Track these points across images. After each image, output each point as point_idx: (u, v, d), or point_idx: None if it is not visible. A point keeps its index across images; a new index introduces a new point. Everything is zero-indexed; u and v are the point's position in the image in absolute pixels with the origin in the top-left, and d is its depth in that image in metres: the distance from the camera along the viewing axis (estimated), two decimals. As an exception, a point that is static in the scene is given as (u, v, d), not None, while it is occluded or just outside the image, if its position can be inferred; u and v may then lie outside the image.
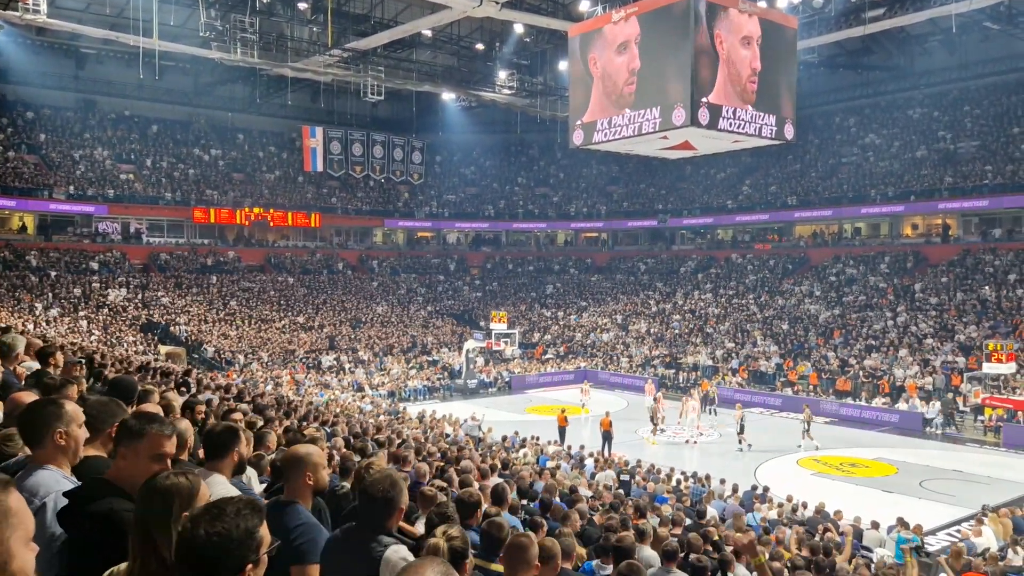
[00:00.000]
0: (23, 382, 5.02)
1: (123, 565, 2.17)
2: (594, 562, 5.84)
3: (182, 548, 1.81)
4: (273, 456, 5.42)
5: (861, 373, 29.93)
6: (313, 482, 3.16)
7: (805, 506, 14.99)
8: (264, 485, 4.86)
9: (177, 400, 5.43)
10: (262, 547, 1.86)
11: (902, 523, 12.82)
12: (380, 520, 2.93)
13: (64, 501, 2.54)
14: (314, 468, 3.18)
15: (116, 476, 2.56)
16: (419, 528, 4.41)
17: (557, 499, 8.74)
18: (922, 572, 10.96)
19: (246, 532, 1.81)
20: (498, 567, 3.87)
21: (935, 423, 26.02)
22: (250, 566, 1.82)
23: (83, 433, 2.83)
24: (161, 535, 2.00)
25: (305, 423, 11.27)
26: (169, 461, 2.61)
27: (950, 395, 27.18)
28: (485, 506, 6.17)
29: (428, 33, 33.81)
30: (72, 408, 2.86)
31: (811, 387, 30.74)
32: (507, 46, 36.85)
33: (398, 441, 12.48)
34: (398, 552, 2.77)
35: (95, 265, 37.11)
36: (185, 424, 4.17)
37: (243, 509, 1.84)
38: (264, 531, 1.87)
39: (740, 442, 23.33)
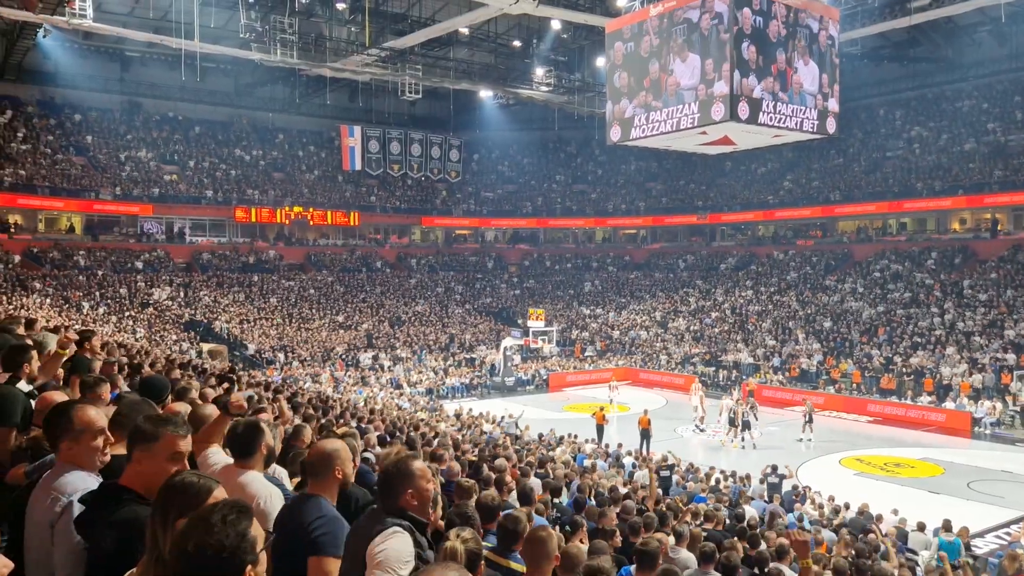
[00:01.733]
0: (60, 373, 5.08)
1: (133, 570, 2.16)
2: (632, 567, 5.76)
3: (178, 564, 1.79)
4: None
5: (905, 371, 29.32)
6: (341, 476, 3.16)
7: (847, 507, 14.71)
8: (298, 480, 4.85)
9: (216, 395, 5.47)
10: (257, 545, 1.84)
11: (946, 526, 12.50)
12: (388, 501, 2.89)
13: (80, 507, 2.55)
14: (342, 463, 3.19)
15: (131, 481, 2.55)
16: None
17: (592, 499, 8.66)
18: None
19: (238, 536, 1.79)
20: (517, 565, 3.81)
21: (984, 423, 25.37)
22: (249, 568, 1.80)
23: (100, 440, 2.84)
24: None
25: (341, 420, 11.34)
26: (185, 460, 2.60)
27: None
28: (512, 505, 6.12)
29: (465, 31, 33.80)
30: (85, 417, 2.84)
31: (854, 385, 30.19)
32: (544, 43, 36.72)
33: (434, 438, 12.50)
34: (385, 537, 2.69)
35: (140, 264, 37.87)
36: (211, 408, 4.20)
37: (229, 515, 1.81)
38: (255, 529, 1.85)
39: (802, 436, 23.01)
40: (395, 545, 2.64)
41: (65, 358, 5.32)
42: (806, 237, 43.84)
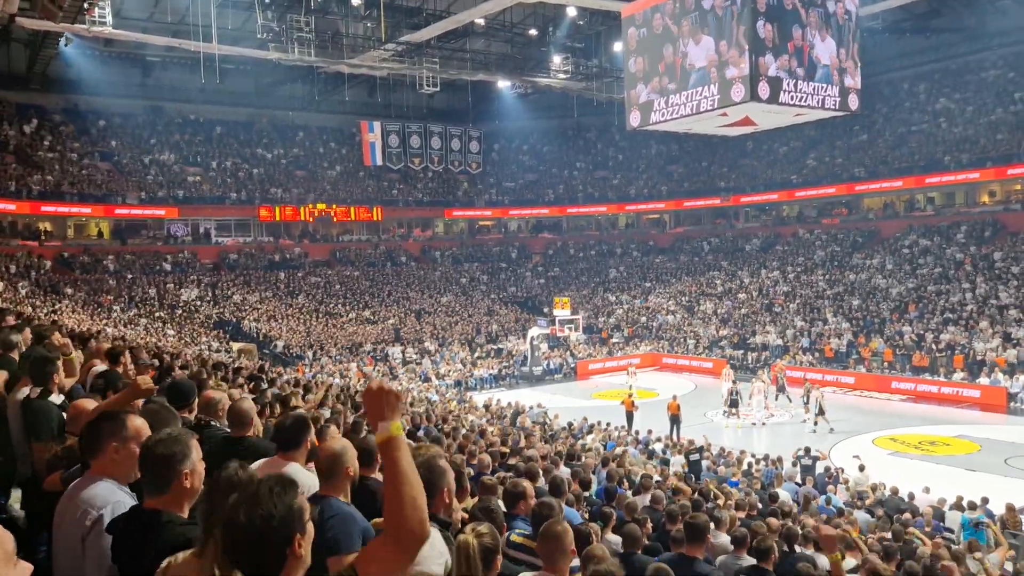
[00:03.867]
0: (90, 385, 5.18)
1: (187, 552, 2.19)
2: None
3: (229, 537, 1.85)
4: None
5: (937, 348, 28.94)
6: (353, 474, 3.20)
7: (884, 487, 14.60)
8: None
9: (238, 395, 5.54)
10: (305, 516, 1.91)
11: (970, 505, 12.37)
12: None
13: (123, 508, 2.58)
14: (351, 461, 3.23)
15: (164, 504, 2.55)
16: None
17: (622, 488, 8.66)
18: (1011, 551, 10.54)
19: (287, 508, 1.86)
20: None
21: (1020, 398, 24.98)
22: (298, 536, 1.87)
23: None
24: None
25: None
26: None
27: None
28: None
29: (481, 22, 33.70)
30: (134, 424, 2.91)
31: (885, 364, 29.85)
32: (560, 30, 36.54)
33: (463, 431, 12.55)
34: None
35: (168, 266, 38.34)
36: (249, 404, 4.28)
37: (275, 487, 1.88)
38: (301, 500, 1.92)
39: (817, 423, 22.68)
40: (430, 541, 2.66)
41: (96, 373, 5.46)
42: (831, 215, 43.33)
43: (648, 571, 3.34)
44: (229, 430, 4.25)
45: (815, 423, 22.57)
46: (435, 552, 2.63)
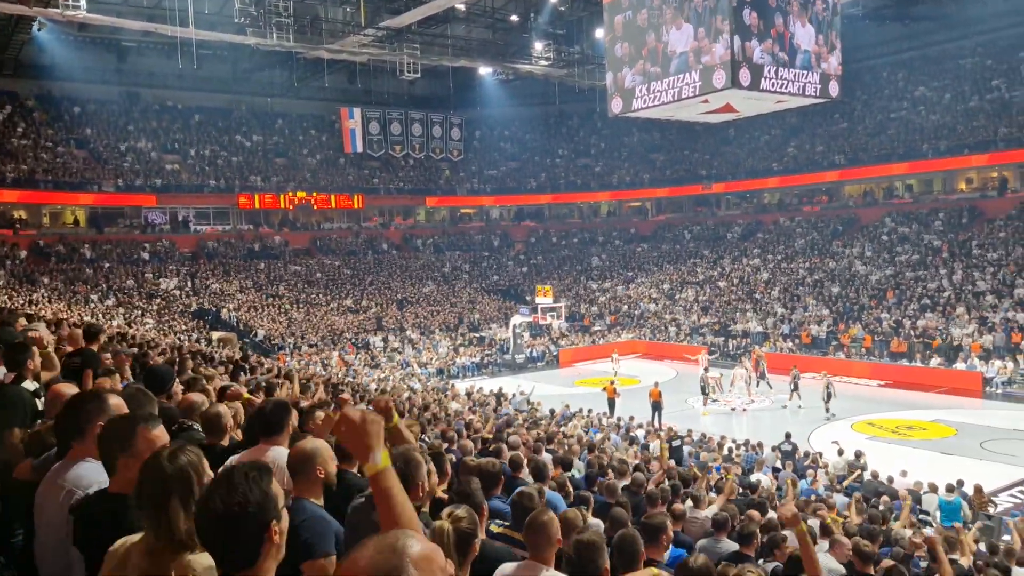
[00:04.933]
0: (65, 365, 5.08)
1: (134, 537, 2.15)
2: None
3: (204, 523, 1.83)
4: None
5: (915, 334, 29.24)
6: (324, 475, 3.11)
7: (864, 467, 14.77)
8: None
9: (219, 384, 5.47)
10: (280, 502, 1.90)
11: (948, 487, 12.53)
12: None
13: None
14: (324, 463, 3.14)
15: (124, 488, 2.44)
16: None
17: (603, 474, 8.67)
18: (985, 536, 10.70)
19: (263, 494, 1.85)
20: None
21: (995, 382, 25.31)
22: (273, 522, 1.86)
23: None
24: (175, 510, 2.01)
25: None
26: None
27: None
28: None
29: (462, 7, 33.48)
30: (115, 402, 2.87)
31: (864, 350, 30.13)
32: (542, 16, 36.39)
33: (444, 418, 12.53)
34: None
35: (146, 255, 37.93)
36: (223, 409, 4.21)
37: (250, 472, 1.87)
38: (276, 487, 1.91)
39: (829, 408, 22.80)
40: None
41: (71, 351, 5.34)
42: (812, 203, 43.59)
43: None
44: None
45: (827, 409, 22.60)
46: None
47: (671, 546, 5.62)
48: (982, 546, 9.54)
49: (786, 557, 5.63)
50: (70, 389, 3.76)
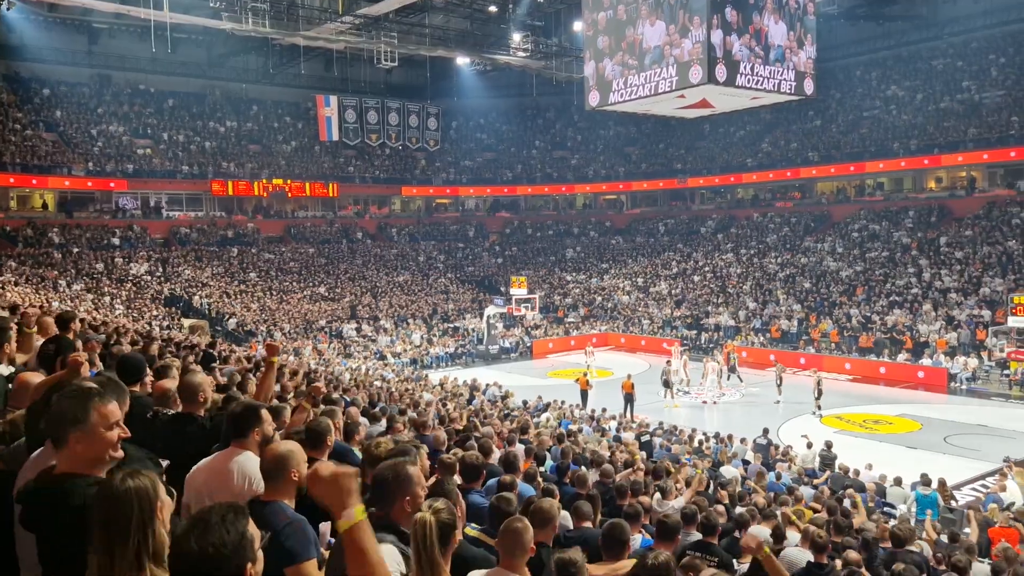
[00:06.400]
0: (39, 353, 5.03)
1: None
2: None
3: (180, 564, 1.80)
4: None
5: (883, 330, 29.69)
6: (298, 478, 3.06)
7: (835, 457, 15.08)
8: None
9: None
10: (255, 544, 1.87)
11: (924, 481, 12.77)
12: (384, 509, 2.86)
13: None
14: (298, 465, 3.09)
15: (72, 467, 2.42)
16: None
17: (575, 464, 8.75)
18: (946, 527, 10.93)
19: (239, 535, 1.82)
20: None
21: (960, 378, 25.79)
22: (249, 565, 1.84)
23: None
24: (129, 538, 1.91)
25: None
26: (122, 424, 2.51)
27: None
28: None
29: (440, -4, 33.42)
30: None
31: (832, 344, 30.54)
32: (520, 7, 36.32)
33: (417, 408, 12.55)
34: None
35: (116, 240, 37.42)
36: (201, 377, 4.19)
37: (227, 514, 1.85)
38: (252, 528, 1.89)
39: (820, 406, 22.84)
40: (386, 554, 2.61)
41: (45, 339, 5.27)
42: (785, 199, 44.02)
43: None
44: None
45: (817, 405, 22.74)
46: (392, 563, 2.59)
47: (641, 536, 5.71)
48: (944, 536, 9.77)
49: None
50: (37, 378, 3.73)
